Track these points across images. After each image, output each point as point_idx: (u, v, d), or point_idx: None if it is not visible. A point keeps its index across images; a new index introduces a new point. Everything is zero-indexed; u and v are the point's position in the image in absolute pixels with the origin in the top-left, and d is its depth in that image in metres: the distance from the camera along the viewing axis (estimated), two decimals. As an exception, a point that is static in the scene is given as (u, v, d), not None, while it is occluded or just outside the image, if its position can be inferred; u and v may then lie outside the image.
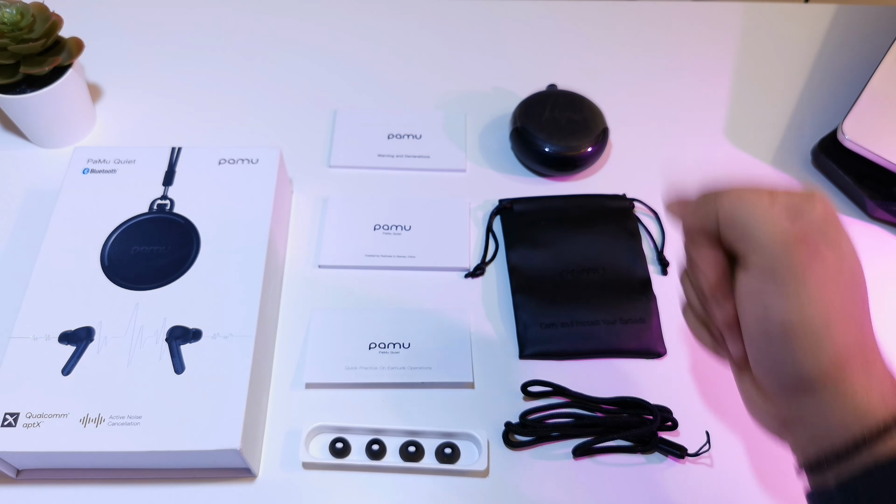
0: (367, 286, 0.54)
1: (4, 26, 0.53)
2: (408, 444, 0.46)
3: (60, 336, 0.45)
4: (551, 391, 0.49)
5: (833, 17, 0.74)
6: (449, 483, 0.46)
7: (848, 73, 0.69)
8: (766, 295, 0.33)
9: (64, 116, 0.59)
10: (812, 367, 0.32)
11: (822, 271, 0.32)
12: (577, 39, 0.72)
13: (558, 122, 0.59)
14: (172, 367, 0.44)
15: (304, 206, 0.58)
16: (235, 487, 0.45)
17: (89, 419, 0.42)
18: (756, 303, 0.33)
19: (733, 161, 0.63)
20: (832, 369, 0.32)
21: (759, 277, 0.33)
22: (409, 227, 0.57)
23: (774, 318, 0.32)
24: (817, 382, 0.32)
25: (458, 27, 0.72)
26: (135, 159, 0.54)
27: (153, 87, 0.66)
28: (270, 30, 0.71)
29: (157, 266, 0.48)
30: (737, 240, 0.34)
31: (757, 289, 0.33)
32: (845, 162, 0.59)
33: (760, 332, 0.33)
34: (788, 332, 0.32)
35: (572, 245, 0.56)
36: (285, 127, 0.64)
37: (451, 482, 0.46)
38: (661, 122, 0.65)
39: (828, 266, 0.32)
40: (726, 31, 0.73)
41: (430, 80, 0.68)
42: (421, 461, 0.46)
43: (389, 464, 0.46)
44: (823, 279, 0.32)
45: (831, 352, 0.32)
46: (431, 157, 0.62)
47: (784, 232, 0.32)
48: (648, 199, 0.59)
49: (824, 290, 0.32)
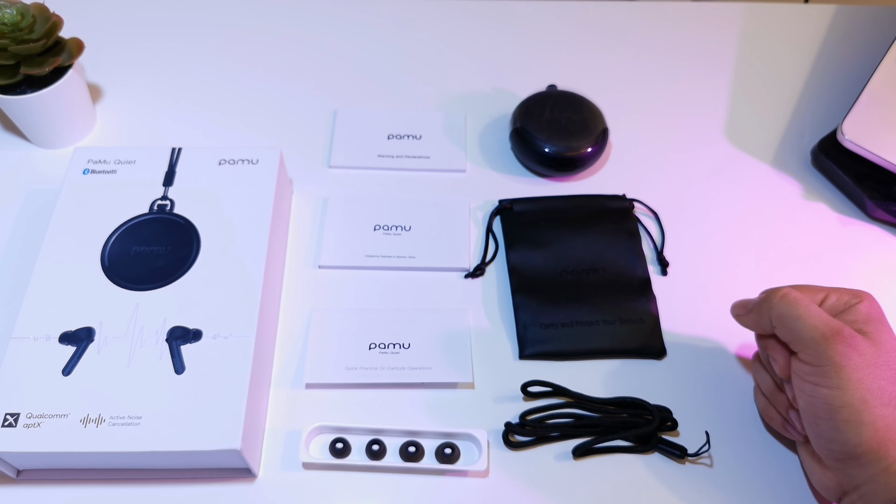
0: (367, 286, 0.54)
1: (5, 27, 0.53)
2: (408, 444, 0.46)
3: (61, 336, 0.45)
4: (551, 391, 0.49)
5: (833, 17, 0.74)
6: (449, 483, 0.46)
7: (848, 73, 0.69)
8: (814, 381, 0.39)
9: (64, 117, 0.59)
10: (855, 441, 0.37)
11: (858, 360, 0.38)
12: (577, 39, 0.72)
13: (558, 123, 0.59)
14: (173, 368, 0.44)
15: (304, 207, 0.58)
16: (235, 487, 0.45)
17: (90, 419, 0.42)
18: (806, 387, 0.40)
19: (733, 161, 0.63)
20: (873, 443, 0.37)
21: (807, 366, 0.39)
22: (409, 227, 0.57)
23: (820, 400, 0.39)
24: (862, 455, 0.38)
25: (458, 27, 0.72)
26: (135, 160, 0.54)
27: (153, 87, 0.66)
28: (270, 30, 0.71)
29: (157, 266, 0.48)
30: (787, 337, 0.41)
31: (806, 375, 0.39)
32: (845, 162, 0.59)
33: (811, 412, 0.40)
34: (832, 411, 0.38)
35: (572, 245, 0.56)
36: (285, 127, 0.64)
37: (451, 482, 0.46)
38: (660, 122, 0.65)
39: (865, 355, 0.38)
40: (726, 31, 0.73)
41: (430, 80, 0.68)
42: (421, 461, 0.46)
43: (389, 464, 0.46)
44: (860, 366, 0.38)
45: (871, 428, 0.37)
46: (431, 158, 0.62)
47: (824, 326, 0.39)
48: (648, 200, 0.59)
49: (861, 376, 0.37)
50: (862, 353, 0.38)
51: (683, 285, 0.55)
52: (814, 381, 0.39)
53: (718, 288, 0.55)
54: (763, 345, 0.44)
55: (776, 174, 0.62)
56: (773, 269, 0.56)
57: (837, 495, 0.41)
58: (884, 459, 0.37)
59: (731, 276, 0.56)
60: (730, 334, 0.53)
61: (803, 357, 0.40)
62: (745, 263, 0.56)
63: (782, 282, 0.55)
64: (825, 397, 0.38)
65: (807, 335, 0.39)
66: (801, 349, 0.40)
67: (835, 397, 0.38)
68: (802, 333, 0.39)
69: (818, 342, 0.39)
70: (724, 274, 0.56)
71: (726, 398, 0.50)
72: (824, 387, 0.38)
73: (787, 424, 0.44)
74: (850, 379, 0.37)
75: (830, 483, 0.41)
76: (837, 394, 0.38)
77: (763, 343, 0.44)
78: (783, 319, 0.41)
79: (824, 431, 0.39)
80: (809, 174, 0.62)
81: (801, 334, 0.39)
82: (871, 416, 0.37)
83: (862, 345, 0.38)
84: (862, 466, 0.38)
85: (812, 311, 0.40)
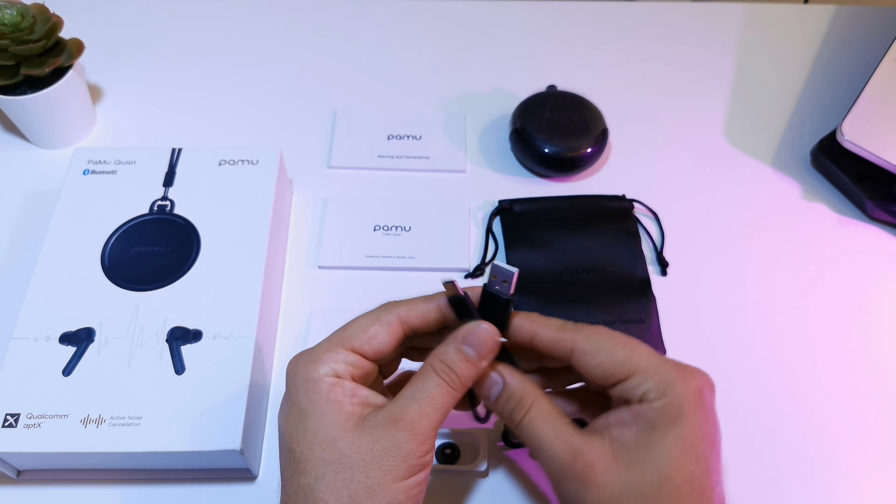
0: (368, 287, 0.54)
1: (5, 28, 0.53)
2: (408, 444, 0.46)
3: (61, 337, 0.45)
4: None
5: (833, 17, 0.74)
6: (449, 483, 0.46)
7: (847, 73, 0.69)
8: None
9: (64, 117, 0.59)
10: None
11: (597, 494, 0.32)
12: (577, 40, 0.72)
13: (558, 123, 0.59)
14: (173, 368, 0.44)
15: (304, 207, 0.59)
16: (236, 488, 0.45)
17: (90, 420, 0.42)
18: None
19: (733, 161, 0.63)
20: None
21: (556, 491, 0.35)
22: (409, 227, 0.57)
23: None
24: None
25: (458, 27, 0.72)
26: (135, 160, 0.54)
27: (153, 87, 0.66)
28: (270, 30, 0.71)
29: (157, 267, 0.48)
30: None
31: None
32: (844, 163, 0.59)
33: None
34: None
35: (572, 246, 0.56)
36: (285, 127, 0.64)
37: (451, 482, 0.46)
38: (660, 122, 0.65)
39: (605, 487, 0.32)
40: (726, 31, 0.73)
41: (430, 80, 0.68)
42: (421, 461, 0.46)
43: (389, 464, 0.46)
44: (601, 500, 0.32)
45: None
46: (431, 158, 0.62)
47: (563, 454, 0.33)
48: (648, 200, 0.59)
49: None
50: (599, 485, 0.32)
51: (683, 285, 0.55)
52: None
53: (718, 288, 0.55)
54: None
55: (776, 174, 0.62)
56: (772, 269, 0.56)
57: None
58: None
59: (731, 276, 0.56)
60: (729, 334, 0.53)
61: (554, 487, 0.35)
62: (744, 264, 0.56)
63: (782, 281, 0.55)
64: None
65: (545, 466, 0.34)
66: (550, 479, 0.34)
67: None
68: (543, 464, 0.34)
69: (556, 474, 0.33)
70: (724, 274, 0.56)
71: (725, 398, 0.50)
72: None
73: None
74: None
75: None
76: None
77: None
78: (525, 439, 0.35)
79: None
80: (809, 174, 0.62)
81: (542, 464, 0.34)
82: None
83: (599, 476, 0.32)
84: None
85: (545, 438, 0.34)
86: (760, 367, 0.51)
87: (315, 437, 0.33)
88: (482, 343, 0.35)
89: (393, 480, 0.32)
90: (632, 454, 0.32)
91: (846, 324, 0.53)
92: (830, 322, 0.53)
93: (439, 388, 0.34)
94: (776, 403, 0.50)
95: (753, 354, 0.52)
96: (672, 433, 0.32)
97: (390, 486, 0.32)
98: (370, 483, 0.32)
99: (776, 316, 0.54)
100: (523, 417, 0.34)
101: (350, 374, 0.35)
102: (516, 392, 0.35)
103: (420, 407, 0.33)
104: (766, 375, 0.51)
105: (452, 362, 0.34)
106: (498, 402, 0.35)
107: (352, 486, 0.32)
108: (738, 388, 0.50)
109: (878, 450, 0.48)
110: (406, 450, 0.33)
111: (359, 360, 0.35)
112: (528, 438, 0.34)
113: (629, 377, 0.34)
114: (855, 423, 0.49)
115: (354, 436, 0.33)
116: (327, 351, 0.35)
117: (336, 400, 0.33)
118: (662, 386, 0.33)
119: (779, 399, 0.50)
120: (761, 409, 0.49)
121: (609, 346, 0.35)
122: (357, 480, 0.32)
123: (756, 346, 0.52)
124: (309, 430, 0.33)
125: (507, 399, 0.35)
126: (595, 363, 0.34)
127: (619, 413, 0.34)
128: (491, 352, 0.35)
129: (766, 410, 0.49)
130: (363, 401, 0.34)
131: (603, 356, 0.34)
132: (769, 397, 0.50)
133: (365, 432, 0.33)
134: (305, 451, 0.33)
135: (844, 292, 0.55)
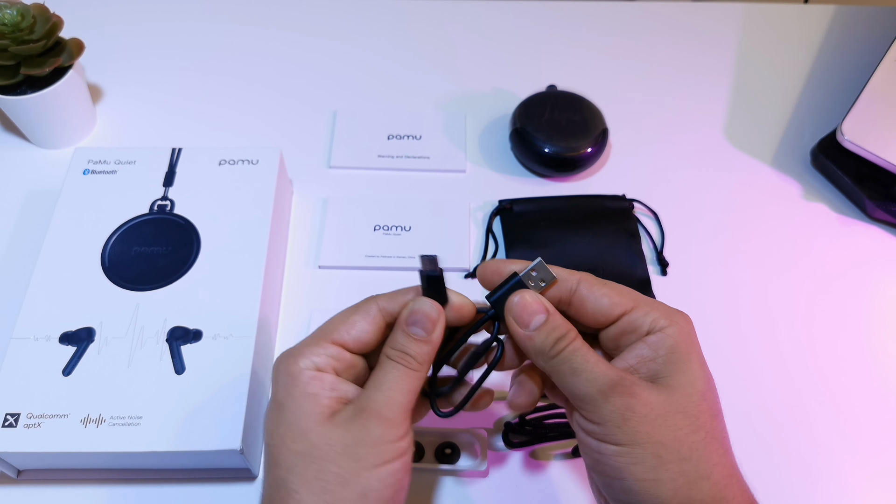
0: (368, 287, 0.54)
1: (5, 28, 0.53)
2: (408, 444, 0.46)
3: (61, 337, 0.45)
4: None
5: (833, 17, 0.74)
6: (449, 483, 0.46)
7: (847, 73, 0.69)
8: (598, 438, 0.34)
9: (64, 117, 0.60)
10: (654, 503, 0.32)
11: (643, 410, 0.32)
12: (577, 39, 0.72)
13: (558, 123, 0.59)
14: (173, 368, 0.44)
15: (304, 207, 0.59)
16: (236, 488, 0.45)
17: (90, 419, 0.42)
18: (591, 444, 0.34)
19: (733, 161, 0.63)
20: (675, 503, 0.32)
21: (588, 423, 0.34)
22: (409, 227, 0.57)
23: (608, 458, 0.33)
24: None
25: (457, 27, 0.72)
26: (135, 160, 0.54)
27: (153, 87, 0.66)
28: (270, 30, 0.71)
29: (157, 267, 0.48)
30: (563, 391, 0.35)
31: (589, 432, 0.34)
32: (844, 162, 0.59)
33: (600, 471, 0.34)
34: (622, 471, 0.33)
35: (572, 246, 0.56)
36: (285, 127, 0.64)
37: (451, 482, 0.46)
38: (660, 122, 0.65)
39: (650, 405, 0.33)
40: (726, 31, 0.73)
41: (430, 80, 0.68)
42: (421, 461, 0.46)
43: (389, 464, 0.46)
44: (647, 418, 0.32)
45: (670, 487, 0.32)
46: (431, 158, 0.62)
47: (602, 378, 0.33)
48: (648, 200, 0.59)
49: (650, 429, 0.32)
50: (647, 403, 0.32)
51: (683, 285, 0.55)
52: (598, 438, 0.33)
53: (718, 288, 0.55)
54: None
55: (776, 174, 0.62)
56: (772, 269, 0.56)
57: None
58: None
59: (730, 275, 0.56)
60: (729, 334, 0.53)
61: (583, 413, 0.34)
62: (744, 263, 0.56)
63: (782, 281, 0.55)
64: (613, 455, 0.33)
65: (582, 390, 0.33)
66: (578, 406, 0.34)
67: (622, 454, 0.32)
68: (578, 389, 0.34)
69: (595, 398, 0.33)
70: (723, 274, 0.56)
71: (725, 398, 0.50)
72: (611, 443, 0.33)
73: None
74: (636, 432, 0.32)
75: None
76: (626, 451, 0.32)
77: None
78: (556, 376, 0.35)
79: (618, 494, 0.33)
80: (809, 174, 0.62)
81: (576, 390, 0.34)
82: (668, 474, 0.32)
83: (646, 394, 0.33)
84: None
85: (589, 363, 0.34)
86: (760, 367, 0.51)
87: (288, 429, 0.33)
88: (425, 317, 0.35)
89: (365, 468, 0.32)
90: (667, 380, 0.33)
91: (846, 323, 0.53)
92: (830, 322, 0.53)
93: (397, 370, 0.34)
94: (776, 403, 0.50)
95: (753, 354, 0.52)
96: (693, 355, 0.34)
97: (362, 474, 0.32)
98: (342, 472, 0.32)
99: (776, 315, 0.54)
100: (568, 346, 0.34)
101: (332, 366, 0.35)
102: (561, 324, 0.35)
103: (384, 394, 0.34)
104: (766, 375, 0.51)
105: (403, 346, 0.35)
106: (540, 331, 0.35)
107: (323, 475, 0.32)
108: (738, 388, 0.50)
109: (878, 449, 0.48)
110: (375, 435, 0.33)
111: (340, 353, 0.35)
112: (569, 363, 0.34)
113: (636, 307, 0.35)
114: (855, 423, 0.49)
115: (325, 428, 0.33)
116: (309, 345, 0.35)
117: (313, 393, 0.34)
118: (668, 315, 0.35)
119: (779, 398, 0.50)
120: (761, 409, 0.49)
121: (612, 284, 0.36)
122: (329, 471, 0.32)
123: (756, 346, 0.52)
124: (283, 423, 0.33)
125: (551, 329, 0.35)
126: (603, 291, 0.35)
127: (635, 351, 0.35)
128: (435, 323, 0.35)
129: (766, 410, 0.49)
130: (341, 395, 0.34)
131: (608, 287, 0.36)
132: (769, 397, 0.50)
133: (335, 425, 0.33)
134: (278, 444, 0.33)
135: (844, 292, 0.55)
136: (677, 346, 0.34)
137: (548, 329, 0.35)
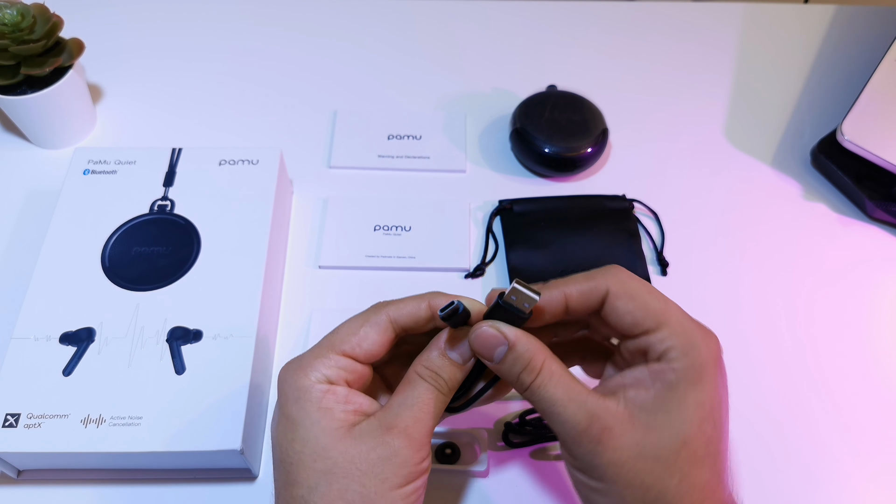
0: (368, 287, 0.54)
1: (5, 27, 0.53)
2: (408, 444, 0.46)
3: (61, 337, 0.45)
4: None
5: (833, 17, 0.74)
6: (449, 483, 0.46)
7: (847, 73, 0.69)
8: (580, 477, 0.33)
9: (64, 117, 0.59)
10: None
11: (624, 451, 0.31)
12: (577, 39, 0.72)
13: (558, 123, 0.59)
14: (173, 368, 0.44)
15: (304, 207, 0.59)
16: (236, 488, 0.45)
17: (90, 420, 0.42)
18: (578, 477, 0.34)
19: (733, 161, 0.63)
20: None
21: (569, 457, 0.33)
22: (409, 227, 0.57)
23: (594, 498, 0.33)
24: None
25: (457, 27, 0.72)
26: (135, 160, 0.54)
27: (153, 87, 0.66)
28: (270, 30, 0.71)
29: (157, 267, 0.48)
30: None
31: (571, 469, 0.34)
32: (844, 162, 0.59)
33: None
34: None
35: (572, 246, 0.56)
36: (285, 127, 0.64)
37: (451, 482, 0.46)
38: (660, 122, 0.65)
39: (628, 446, 0.31)
40: (726, 31, 0.73)
41: (430, 80, 0.68)
42: (421, 461, 0.46)
43: (389, 464, 0.46)
44: (625, 459, 0.31)
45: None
46: (431, 158, 0.62)
47: (580, 416, 0.32)
48: (648, 200, 0.59)
49: (625, 472, 0.31)
50: (617, 448, 0.31)
51: (683, 285, 0.55)
52: (570, 464, 0.33)
53: (718, 288, 0.55)
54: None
55: (776, 174, 0.62)
56: (772, 269, 0.56)
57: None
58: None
59: (731, 276, 0.56)
60: (730, 334, 0.53)
61: (564, 447, 0.33)
62: (744, 264, 0.56)
63: (782, 281, 0.55)
64: (582, 482, 0.32)
65: (558, 429, 0.32)
66: (560, 440, 0.33)
67: (592, 486, 0.32)
68: (556, 426, 0.32)
69: (564, 439, 0.32)
70: (724, 274, 0.56)
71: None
72: (581, 472, 0.32)
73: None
74: (604, 473, 0.31)
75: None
76: (595, 483, 0.32)
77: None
78: (536, 403, 0.33)
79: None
80: (809, 174, 0.62)
81: (554, 425, 0.33)
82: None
83: (618, 436, 0.31)
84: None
85: (558, 403, 0.32)
86: (761, 367, 0.51)
87: (305, 446, 0.32)
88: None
89: (390, 488, 0.32)
90: (650, 416, 0.31)
91: (846, 323, 0.53)
92: (830, 322, 0.53)
93: (429, 392, 0.34)
94: (776, 403, 0.50)
95: (754, 354, 0.52)
96: (692, 396, 0.32)
97: (387, 494, 0.32)
98: (366, 492, 0.31)
99: (776, 316, 0.54)
100: (533, 381, 0.32)
101: (344, 379, 0.34)
102: (524, 353, 0.33)
103: (413, 413, 0.33)
104: (766, 375, 0.51)
105: (439, 367, 0.34)
106: (503, 364, 0.33)
107: (347, 496, 0.31)
108: (738, 388, 0.50)
109: (878, 449, 0.48)
110: (403, 457, 0.32)
111: (351, 364, 0.34)
112: (539, 402, 0.33)
113: (657, 329, 0.32)
114: (855, 423, 0.49)
115: (346, 445, 0.32)
116: (318, 357, 0.34)
117: (327, 407, 0.33)
118: (686, 346, 0.32)
119: (779, 398, 0.50)
120: (761, 408, 0.49)
121: (644, 292, 0.33)
122: (353, 490, 0.31)
123: (756, 346, 0.52)
124: (298, 440, 0.32)
125: (514, 361, 0.33)
126: (628, 308, 0.33)
127: (635, 372, 0.33)
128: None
129: (766, 410, 0.49)
130: (357, 408, 0.34)
131: (638, 301, 0.33)
132: (769, 397, 0.50)
133: (358, 441, 0.32)
134: (296, 462, 0.32)
135: (844, 292, 0.55)
136: (677, 384, 0.32)
137: (511, 360, 0.33)
